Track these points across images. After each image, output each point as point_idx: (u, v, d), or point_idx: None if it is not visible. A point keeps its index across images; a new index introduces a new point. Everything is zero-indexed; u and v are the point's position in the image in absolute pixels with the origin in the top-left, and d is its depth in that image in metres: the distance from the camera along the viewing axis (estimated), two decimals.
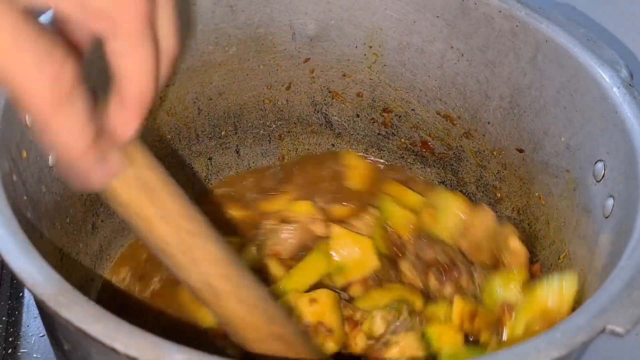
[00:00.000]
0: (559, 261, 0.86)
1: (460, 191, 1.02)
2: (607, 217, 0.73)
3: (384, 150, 1.06)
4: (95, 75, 0.52)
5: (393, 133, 1.04)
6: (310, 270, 0.89)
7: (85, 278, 0.90)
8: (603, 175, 0.76)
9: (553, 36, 0.82)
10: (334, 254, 0.89)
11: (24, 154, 0.71)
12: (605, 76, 0.77)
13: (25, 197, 0.70)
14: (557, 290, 0.75)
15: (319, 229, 0.93)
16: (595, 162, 0.77)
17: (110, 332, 0.50)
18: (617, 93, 0.75)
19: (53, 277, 0.53)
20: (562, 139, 0.83)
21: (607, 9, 0.92)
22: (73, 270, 0.88)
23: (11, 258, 0.54)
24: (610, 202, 0.73)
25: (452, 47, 0.92)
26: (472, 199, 1.01)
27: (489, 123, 0.94)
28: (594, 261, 0.74)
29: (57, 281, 0.53)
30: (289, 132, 1.07)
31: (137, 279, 0.92)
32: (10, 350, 0.92)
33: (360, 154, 1.06)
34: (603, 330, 0.55)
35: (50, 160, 0.78)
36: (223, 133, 1.04)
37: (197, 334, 0.84)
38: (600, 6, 0.92)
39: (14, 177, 0.67)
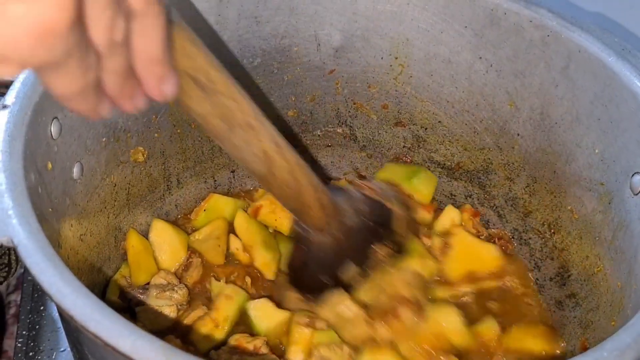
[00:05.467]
0: (593, 277, 0.83)
1: (488, 205, 1.00)
2: None
3: (408, 163, 1.05)
4: None
5: (419, 145, 1.03)
6: None
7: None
8: None
9: (586, 45, 0.80)
10: None
11: (49, 165, 0.70)
12: None
13: (50, 209, 0.69)
14: None
15: None
16: (632, 175, 0.75)
17: (139, 348, 0.48)
18: None
19: (81, 291, 0.51)
20: (596, 151, 0.81)
21: None
22: (98, 284, 0.87)
23: (38, 271, 0.52)
24: None
25: (480, 58, 0.90)
26: (499, 213, 0.99)
27: (518, 135, 0.92)
28: (633, 277, 0.72)
29: (85, 295, 0.51)
30: (312, 144, 1.06)
31: None
32: None
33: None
34: None
35: (75, 172, 0.77)
36: None
37: None
38: (634, 15, 0.90)
39: (40, 190, 0.66)
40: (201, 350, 0.84)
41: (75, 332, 0.61)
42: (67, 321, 0.60)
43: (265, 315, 0.87)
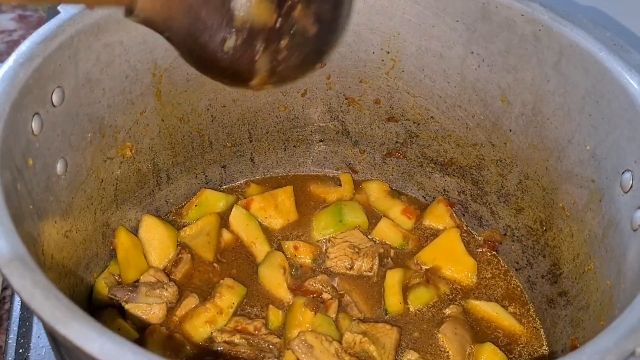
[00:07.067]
0: (583, 275, 0.82)
1: (480, 201, 0.99)
2: (635, 230, 0.70)
3: (401, 159, 1.04)
4: None
5: (411, 141, 1.01)
6: None
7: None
8: (631, 186, 0.72)
9: (578, 40, 0.78)
10: None
11: (30, 162, 0.69)
12: (633, 82, 0.73)
13: (31, 207, 0.68)
14: None
15: None
16: (623, 172, 0.74)
17: (108, 351, 0.48)
18: None
19: (51, 292, 0.51)
20: (587, 148, 0.80)
21: (634, 12, 0.88)
22: (85, 281, 0.87)
23: (8, 271, 0.52)
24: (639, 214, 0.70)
25: (472, 52, 0.89)
26: (492, 210, 0.98)
27: (510, 131, 0.91)
28: (622, 276, 0.71)
29: (55, 296, 0.50)
30: (305, 139, 1.05)
31: None
32: None
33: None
34: (633, 354, 0.51)
35: (58, 168, 0.76)
36: (237, 141, 1.02)
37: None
38: (628, 9, 0.88)
39: (18, 186, 0.65)
40: (198, 336, 0.85)
41: (50, 332, 0.61)
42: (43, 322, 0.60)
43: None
